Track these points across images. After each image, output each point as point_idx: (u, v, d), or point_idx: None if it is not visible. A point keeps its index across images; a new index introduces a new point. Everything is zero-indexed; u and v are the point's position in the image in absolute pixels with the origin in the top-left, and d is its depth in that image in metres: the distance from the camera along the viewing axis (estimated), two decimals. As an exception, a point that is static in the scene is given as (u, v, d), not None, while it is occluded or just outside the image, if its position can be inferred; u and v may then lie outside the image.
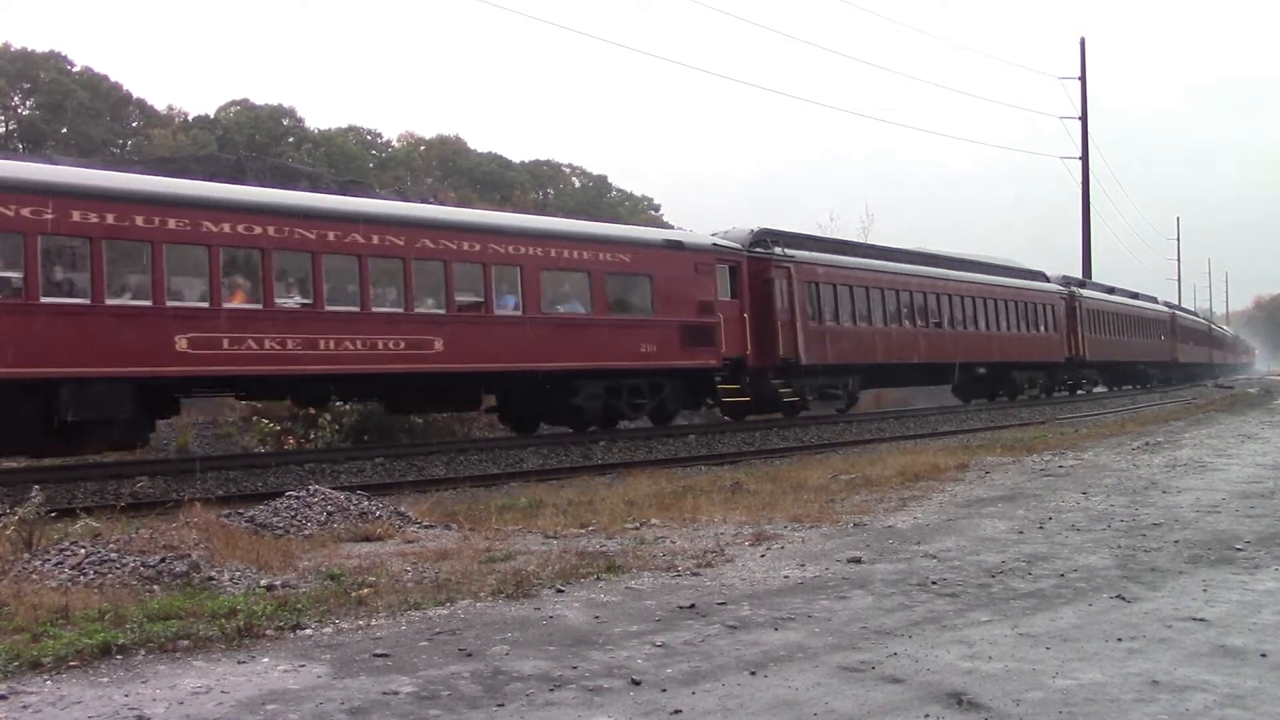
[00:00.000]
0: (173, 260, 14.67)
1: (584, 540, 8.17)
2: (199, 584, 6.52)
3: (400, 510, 9.40)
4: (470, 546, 7.88)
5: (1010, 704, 4.07)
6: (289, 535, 8.43)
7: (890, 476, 12.06)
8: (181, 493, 12.17)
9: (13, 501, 9.85)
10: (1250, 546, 7.29)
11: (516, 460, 17.36)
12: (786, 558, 7.25)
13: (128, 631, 5.14)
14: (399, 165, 62.84)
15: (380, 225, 16.91)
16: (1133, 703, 4.08)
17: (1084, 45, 50.63)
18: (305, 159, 51.62)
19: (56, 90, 51.95)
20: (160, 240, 14.41)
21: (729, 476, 13.49)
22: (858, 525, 8.63)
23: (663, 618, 5.54)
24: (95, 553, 6.76)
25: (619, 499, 10.99)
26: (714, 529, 8.60)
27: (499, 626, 5.39)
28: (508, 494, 12.50)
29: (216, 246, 14.99)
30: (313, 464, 15.75)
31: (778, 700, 4.18)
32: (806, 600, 5.92)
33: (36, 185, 13.59)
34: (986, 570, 6.68)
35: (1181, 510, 9.06)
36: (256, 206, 15.73)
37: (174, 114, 60.20)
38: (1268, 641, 4.89)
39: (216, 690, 4.37)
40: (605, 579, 6.55)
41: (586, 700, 4.22)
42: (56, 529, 7.88)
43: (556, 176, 76.23)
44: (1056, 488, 10.86)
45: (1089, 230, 49.37)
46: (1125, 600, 5.79)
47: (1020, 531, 8.17)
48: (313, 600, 5.96)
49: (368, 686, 4.41)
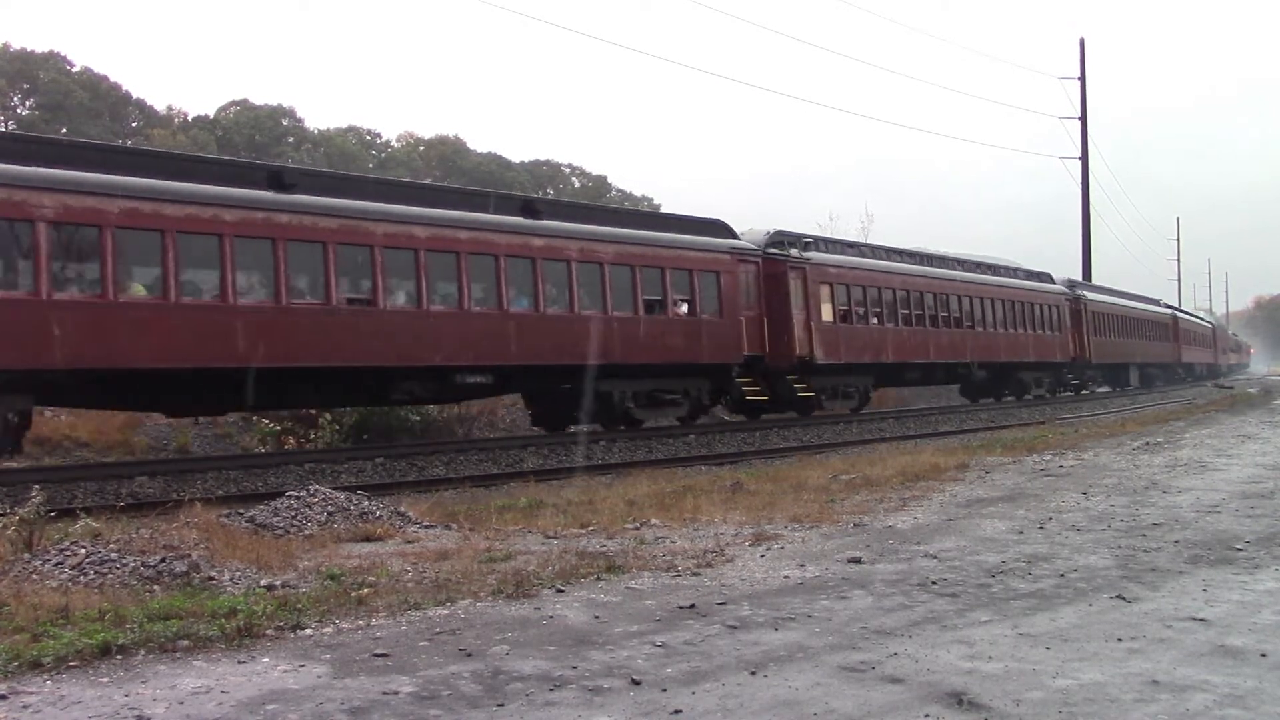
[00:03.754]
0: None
1: (584, 540, 8.17)
2: (199, 584, 6.52)
3: (400, 510, 9.40)
4: (470, 546, 7.88)
5: (1010, 704, 4.07)
6: (289, 535, 8.43)
7: (890, 476, 12.05)
8: (181, 493, 12.19)
9: (13, 501, 9.86)
10: (1250, 546, 7.29)
11: (516, 460, 17.37)
12: (786, 558, 7.25)
13: (128, 631, 5.14)
14: (399, 165, 62.80)
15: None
16: (1133, 703, 4.08)
17: (1083, 46, 50.80)
18: (305, 159, 51.65)
19: (56, 90, 51.96)
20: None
21: (729, 476, 13.49)
22: (858, 525, 8.63)
23: (663, 618, 5.54)
24: (95, 553, 6.76)
25: (619, 499, 10.99)
26: (714, 529, 8.60)
27: (499, 626, 5.39)
28: (508, 494, 12.50)
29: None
30: (313, 464, 15.75)
31: (778, 700, 4.18)
32: (806, 600, 5.92)
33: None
34: (987, 570, 6.68)
35: (1182, 510, 9.06)
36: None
37: (174, 114, 60.23)
38: (1268, 641, 4.89)
39: (216, 690, 4.37)
40: (605, 579, 6.55)
41: (586, 700, 4.22)
42: (56, 529, 7.88)
43: (556, 176, 76.19)
44: (1057, 488, 10.86)
45: (1089, 230, 49.47)
46: (1125, 600, 5.79)
47: (1020, 532, 8.17)
48: (313, 600, 5.96)
49: (368, 686, 4.41)
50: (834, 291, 26.22)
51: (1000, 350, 33.62)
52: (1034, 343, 36.02)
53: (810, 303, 25.03)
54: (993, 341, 33.21)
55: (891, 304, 28.49)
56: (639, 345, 20.93)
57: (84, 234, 14.05)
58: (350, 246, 16.65)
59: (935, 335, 30.17)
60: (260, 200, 15.71)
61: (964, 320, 31.77)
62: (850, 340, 26.53)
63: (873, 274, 27.92)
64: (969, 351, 31.82)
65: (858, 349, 26.81)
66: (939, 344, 30.35)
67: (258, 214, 15.59)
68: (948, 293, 31.12)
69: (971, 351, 31.96)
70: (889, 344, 28.12)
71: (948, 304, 30.99)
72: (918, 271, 30.17)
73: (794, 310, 24.54)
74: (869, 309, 27.56)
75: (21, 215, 13.43)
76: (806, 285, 25.06)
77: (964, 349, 31.67)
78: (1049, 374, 38.89)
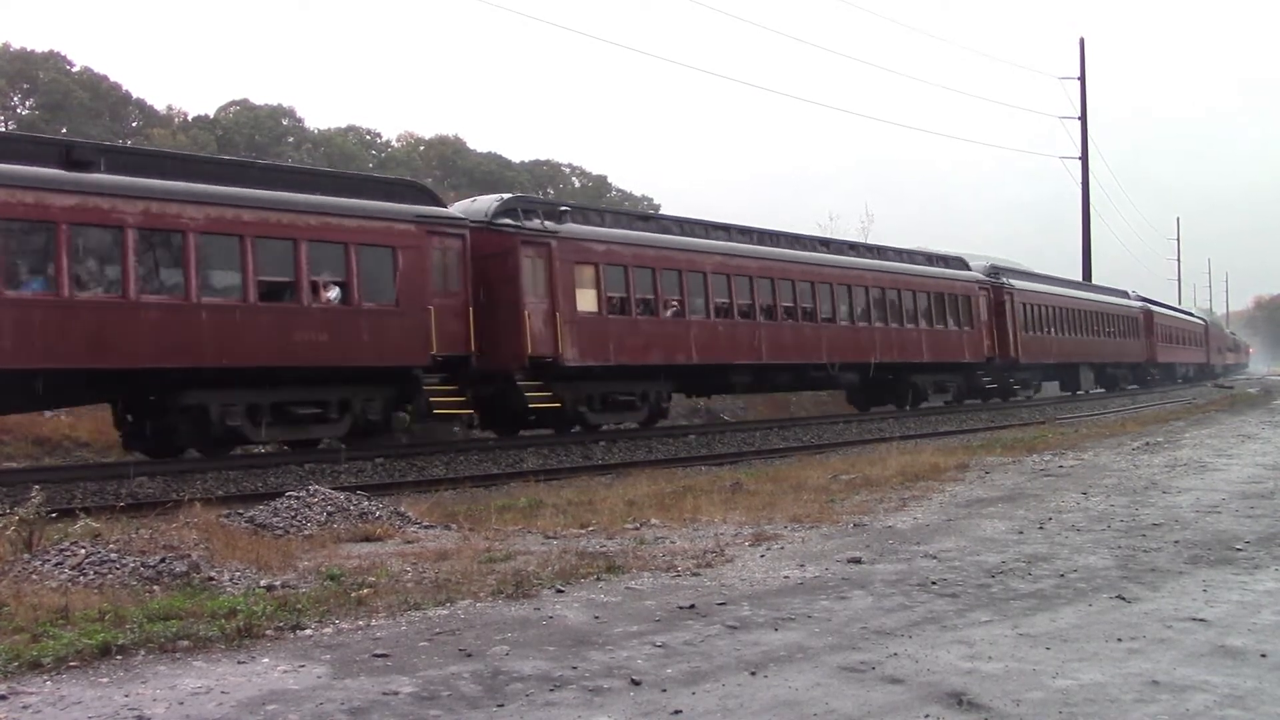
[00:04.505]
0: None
1: (584, 540, 8.17)
2: (199, 584, 6.52)
3: (400, 510, 9.40)
4: (470, 546, 7.88)
5: (1010, 704, 4.07)
6: (289, 535, 8.43)
7: (890, 476, 12.06)
8: (181, 493, 12.19)
9: (13, 501, 9.85)
10: (1250, 546, 7.29)
11: (516, 460, 17.37)
12: (786, 558, 7.25)
13: (128, 632, 5.14)
14: (398, 165, 62.78)
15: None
16: (1133, 703, 4.08)
17: (1083, 46, 50.74)
18: (305, 159, 51.67)
19: (56, 90, 51.93)
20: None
21: (729, 476, 13.49)
22: (858, 525, 8.63)
23: (663, 618, 5.54)
24: (95, 553, 6.76)
25: (619, 499, 10.99)
26: (714, 529, 8.60)
27: (499, 627, 5.39)
28: (508, 494, 12.51)
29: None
30: (313, 464, 15.75)
31: (778, 700, 4.18)
32: (806, 600, 5.92)
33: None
34: (986, 570, 6.68)
35: (1181, 510, 9.06)
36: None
37: (174, 114, 60.16)
38: (1267, 641, 4.89)
39: (216, 690, 4.37)
40: (605, 579, 6.55)
41: (586, 700, 4.22)
42: (56, 529, 7.88)
43: (556, 176, 76.19)
44: (1056, 488, 10.86)
45: (1089, 230, 49.45)
46: (1125, 600, 5.79)
47: (1020, 532, 8.17)
48: (313, 600, 5.96)
49: (368, 686, 4.41)
50: (601, 274, 20.65)
51: (875, 349, 27.76)
52: (930, 340, 30.05)
53: (557, 288, 19.63)
54: (863, 338, 27.45)
55: (702, 291, 22.83)
56: (251, 343, 15.82)
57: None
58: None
59: (772, 330, 24.49)
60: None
61: (818, 313, 26.02)
62: (627, 336, 21.14)
63: (667, 253, 22.17)
64: (825, 351, 26.13)
65: (640, 348, 21.33)
66: (777, 341, 24.64)
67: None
68: (790, 278, 25.24)
69: (830, 351, 26.27)
70: (693, 341, 22.46)
71: (792, 292, 25.23)
72: (743, 251, 24.32)
73: (527, 297, 19.19)
74: (662, 298, 21.87)
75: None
76: (552, 265, 19.63)
77: (818, 347, 25.93)
78: (955, 376, 32.75)
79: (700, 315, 22.94)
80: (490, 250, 19.24)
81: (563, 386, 20.11)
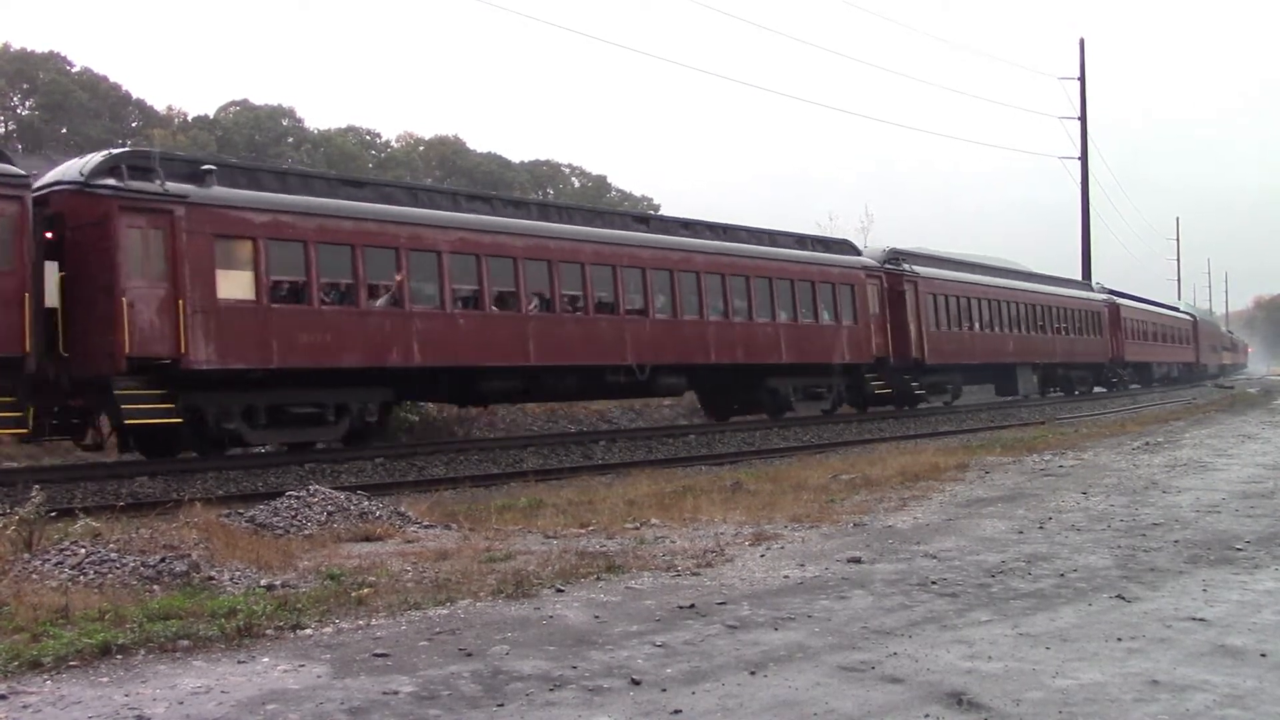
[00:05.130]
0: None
1: (584, 540, 8.17)
2: (199, 584, 6.52)
3: (400, 510, 9.40)
4: (470, 546, 7.88)
5: (1010, 704, 4.07)
6: (289, 535, 8.43)
7: (890, 476, 12.06)
8: (181, 493, 12.19)
9: (13, 501, 9.85)
10: (1250, 546, 7.29)
11: (516, 460, 17.38)
12: (786, 558, 7.25)
13: (128, 631, 5.14)
14: (398, 165, 62.81)
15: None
16: (1133, 703, 4.08)
17: (1083, 46, 50.69)
18: (305, 159, 51.66)
19: (56, 90, 51.98)
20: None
21: (729, 476, 13.49)
22: (858, 525, 8.63)
23: (663, 618, 5.54)
24: (95, 553, 6.76)
25: (619, 499, 10.99)
26: (714, 529, 8.60)
27: (499, 626, 5.39)
28: (508, 494, 12.50)
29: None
30: (313, 464, 15.76)
31: (778, 700, 4.18)
32: (806, 600, 5.92)
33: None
34: (986, 570, 6.68)
35: (1181, 510, 9.06)
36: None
37: (173, 114, 60.27)
38: (1268, 641, 4.89)
39: (216, 690, 4.37)
40: (605, 579, 6.55)
41: (586, 700, 4.22)
42: (56, 529, 7.87)
43: (556, 176, 76.28)
44: (1056, 488, 10.86)
45: (1089, 231, 49.37)
46: (1125, 600, 5.79)
47: (1020, 531, 8.18)
48: (313, 600, 5.96)
49: (368, 686, 4.41)
50: (262, 251, 16.32)
51: (709, 348, 23.26)
52: (793, 336, 25.31)
53: (184, 268, 15.55)
54: (690, 334, 22.91)
55: (434, 275, 18.52)
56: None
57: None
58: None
59: (547, 324, 20.15)
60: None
61: (620, 304, 21.45)
62: (305, 332, 16.87)
63: (376, 226, 17.77)
64: (631, 350, 21.54)
65: (325, 347, 17.03)
66: (554, 338, 20.31)
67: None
68: (580, 260, 20.82)
69: (638, 350, 21.69)
70: (416, 337, 18.06)
71: (581, 278, 20.87)
72: (502, 227, 19.55)
73: (129, 280, 14.86)
74: (365, 282, 17.51)
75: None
76: (176, 239, 15.48)
77: (620, 346, 21.38)
78: (831, 380, 27.27)
79: (430, 305, 18.36)
80: (84, 220, 15.09)
81: (198, 396, 15.77)
